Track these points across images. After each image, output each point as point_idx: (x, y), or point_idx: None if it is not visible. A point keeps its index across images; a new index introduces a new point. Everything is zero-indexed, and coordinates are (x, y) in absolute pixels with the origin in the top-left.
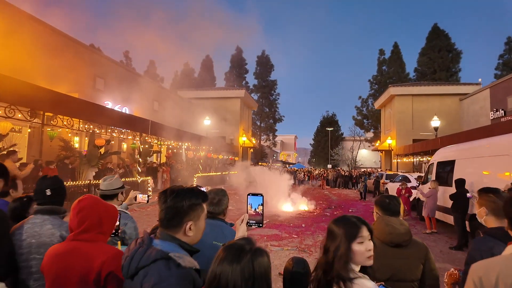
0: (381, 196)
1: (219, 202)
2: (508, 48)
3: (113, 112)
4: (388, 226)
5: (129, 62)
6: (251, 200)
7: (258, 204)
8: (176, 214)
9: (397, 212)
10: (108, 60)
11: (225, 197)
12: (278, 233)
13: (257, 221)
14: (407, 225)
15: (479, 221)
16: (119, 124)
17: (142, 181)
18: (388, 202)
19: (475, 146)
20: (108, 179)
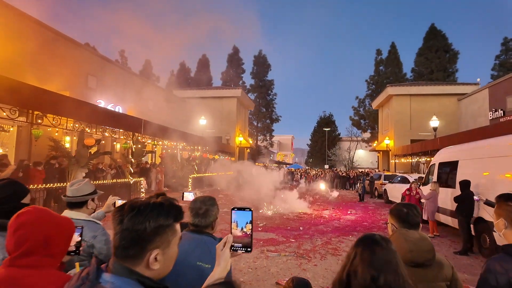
0: (397, 205)
1: (206, 213)
2: (504, 49)
3: (104, 110)
4: (408, 242)
5: (125, 61)
6: (237, 217)
7: (246, 222)
8: (136, 240)
9: (417, 224)
10: (101, 58)
11: (214, 206)
12: (275, 237)
13: (244, 244)
14: (429, 240)
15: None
16: (110, 123)
17: (135, 182)
18: (406, 212)
19: (481, 146)
20: (76, 183)
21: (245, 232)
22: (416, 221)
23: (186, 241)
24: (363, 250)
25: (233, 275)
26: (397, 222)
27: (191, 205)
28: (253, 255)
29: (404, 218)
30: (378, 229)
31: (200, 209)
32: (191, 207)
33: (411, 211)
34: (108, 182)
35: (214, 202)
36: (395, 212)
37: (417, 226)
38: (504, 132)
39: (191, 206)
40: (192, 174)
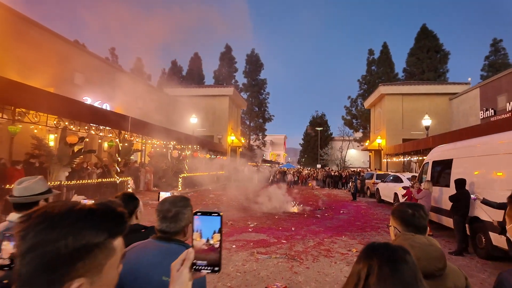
0: (400, 205)
1: (176, 216)
2: (493, 49)
3: (88, 107)
4: (415, 249)
5: (115, 59)
6: (201, 224)
7: (214, 231)
8: (46, 266)
9: (424, 227)
10: (89, 55)
11: (187, 208)
12: (266, 238)
13: (210, 262)
14: (439, 246)
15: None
16: (95, 120)
17: (122, 182)
18: (411, 213)
19: (477, 144)
20: (25, 181)
21: (211, 245)
22: (423, 224)
23: (150, 252)
24: (381, 266)
25: (220, 280)
26: (401, 225)
27: (158, 206)
28: (242, 258)
29: (409, 221)
30: (371, 229)
31: (168, 212)
32: (158, 209)
33: (417, 213)
34: (93, 182)
35: (187, 203)
36: (398, 213)
37: (424, 230)
38: (495, 131)
39: (158, 208)
40: (182, 174)
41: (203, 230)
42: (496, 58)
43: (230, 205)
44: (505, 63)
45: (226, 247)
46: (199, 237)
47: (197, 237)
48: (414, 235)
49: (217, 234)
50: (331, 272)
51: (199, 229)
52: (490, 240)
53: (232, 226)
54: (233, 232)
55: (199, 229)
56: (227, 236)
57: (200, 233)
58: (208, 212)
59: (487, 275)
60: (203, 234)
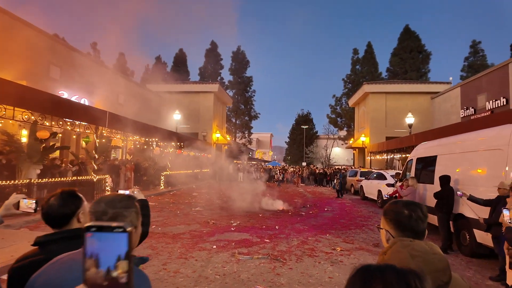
0: (394, 204)
1: (114, 220)
2: (473, 51)
3: (61, 100)
4: (416, 260)
5: (97, 54)
6: (98, 245)
7: (118, 257)
8: None
9: (423, 231)
10: (66, 47)
11: (129, 210)
12: (249, 237)
13: None
14: (443, 255)
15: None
16: (70, 114)
17: (99, 180)
18: (407, 214)
19: (459, 141)
20: None
21: (114, 279)
22: (423, 227)
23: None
24: None
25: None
26: (396, 228)
27: (91, 208)
28: (222, 259)
29: (405, 224)
30: (355, 227)
31: (104, 214)
32: (91, 211)
33: (414, 213)
34: (67, 180)
35: (130, 203)
36: (392, 214)
37: (422, 235)
38: (475, 128)
39: (91, 209)
40: (164, 172)
41: (101, 255)
42: (475, 59)
43: (213, 204)
44: (484, 64)
45: (206, 248)
46: (94, 267)
47: (92, 267)
48: (412, 241)
49: (123, 262)
50: (315, 273)
51: (94, 254)
52: (475, 237)
53: (214, 226)
54: (215, 231)
55: (95, 253)
56: (208, 236)
57: (96, 260)
58: (107, 227)
59: (472, 273)
60: (101, 261)
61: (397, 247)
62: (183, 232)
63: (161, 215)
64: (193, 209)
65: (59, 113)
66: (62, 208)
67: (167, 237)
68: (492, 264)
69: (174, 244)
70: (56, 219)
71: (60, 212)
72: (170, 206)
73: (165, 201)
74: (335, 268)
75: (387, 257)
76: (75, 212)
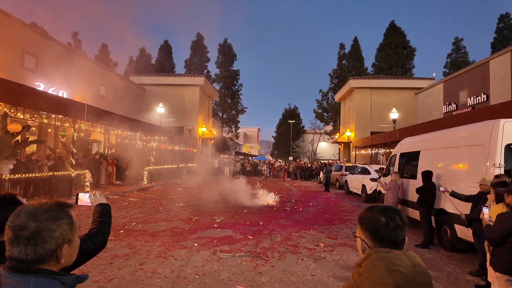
0: (370, 210)
1: (36, 236)
2: (455, 48)
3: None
4: (394, 275)
5: (78, 44)
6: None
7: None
8: None
9: (402, 240)
10: (42, 36)
11: (56, 222)
12: (232, 234)
13: None
14: (425, 268)
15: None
16: (45, 107)
17: (77, 175)
18: (384, 222)
19: (442, 136)
20: None
21: None
22: (402, 236)
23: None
24: None
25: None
26: (371, 238)
27: (9, 220)
28: (203, 258)
29: (382, 233)
30: (339, 222)
31: (24, 229)
32: (9, 225)
33: (392, 221)
34: (43, 175)
35: (62, 213)
36: (367, 222)
37: (402, 244)
38: (457, 124)
39: (9, 222)
40: (148, 167)
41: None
42: (457, 56)
43: (197, 199)
44: (465, 61)
45: (187, 246)
46: None
47: None
48: (390, 252)
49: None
50: (297, 270)
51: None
52: (455, 232)
53: (197, 222)
54: (197, 228)
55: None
56: (190, 233)
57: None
58: None
59: (452, 268)
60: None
61: (372, 260)
62: (164, 229)
63: (142, 212)
64: (176, 205)
65: (34, 105)
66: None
67: (146, 235)
68: (472, 259)
69: (153, 242)
70: None
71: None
72: (153, 202)
73: (147, 197)
74: (318, 265)
75: (362, 270)
76: None
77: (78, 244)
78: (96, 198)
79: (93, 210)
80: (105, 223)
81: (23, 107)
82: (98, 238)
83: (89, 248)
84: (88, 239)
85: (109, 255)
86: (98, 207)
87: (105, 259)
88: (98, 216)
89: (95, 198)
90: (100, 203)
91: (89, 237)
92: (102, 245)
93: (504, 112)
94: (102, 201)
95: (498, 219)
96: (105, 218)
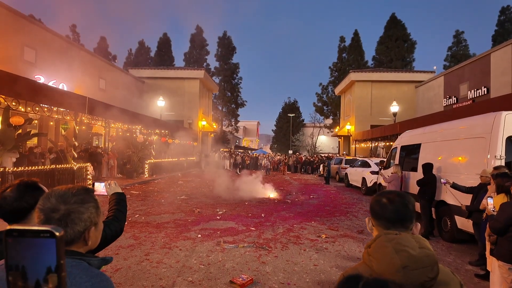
0: (378, 194)
1: (67, 217)
2: (456, 41)
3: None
4: (401, 255)
5: (77, 37)
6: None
7: (48, 269)
8: None
9: (407, 220)
10: (42, 28)
11: (85, 205)
12: (235, 225)
13: None
14: (431, 249)
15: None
16: (46, 100)
17: (79, 168)
18: (385, 203)
19: (442, 129)
20: None
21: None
22: (407, 216)
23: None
24: None
25: (181, 275)
26: (377, 221)
27: (40, 203)
28: (207, 249)
29: (385, 215)
30: (340, 214)
31: (55, 211)
32: (39, 207)
33: (393, 204)
34: (45, 168)
35: (89, 197)
36: (372, 203)
37: (407, 225)
38: (457, 117)
39: (39, 205)
40: (149, 160)
41: (28, 266)
42: (458, 49)
43: (199, 192)
44: (466, 54)
45: (190, 237)
46: (20, 280)
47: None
48: (399, 234)
49: (53, 276)
50: (300, 260)
51: (20, 265)
52: (455, 223)
53: (199, 214)
54: (200, 220)
55: (21, 264)
56: (193, 225)
57: (21, 272)
58: (32, 232)
59: (452, 258)
60: (27, 273)
61: (381, 241)
62: (167, 221)
63: (144, 204)
64: (178, 198)
65: (35, 98)
66: (18, 201)
67: (150, 226)
68: (472, 250)
69: (157, 233)
70: (11, 214)
71: (15, 205)
72: (154, 195)
73: (149, 190)
74: (320, 256)
75: (371, 251)
76: (34, 206)
77: (102, 228)
78: (112, 187)
79: (109, 199)
80: (121, 211)
81: (25, 100)
82: (115, 226)
83: (107, 235)
84: (106, 226)
85: (115, 246)
86: (113, 196)
87: (111, 250)
88: (114, 204)
89: (110, 187)
90: (116, 192)
91: (107, 224)
92: (119, 232)
93: (504, 105)
94: (118, 190)
95: (501, 208)
96: (121, 206)
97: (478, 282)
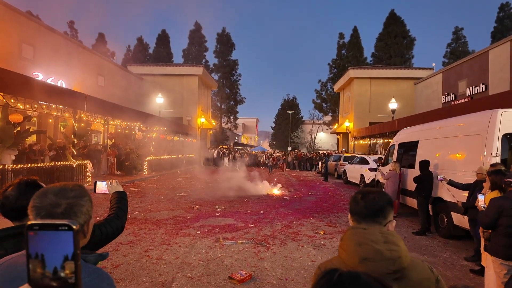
0: (357, 192)
1: (69, 210)
2: (455, 37)
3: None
4: (363, 247)
5: (75, 33)
6: (43, 244)
7: (65, 256)
8: None
9: (375, 214)
10: (39, 25)
11: (84, 199)
12: (233, 222)
13: None
14: (399, 242)
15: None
16: (45, 97)
17: (79, 165)
18: (357, 199)
19: (440, 126)
20: None
21: (62, 279)
22: (377, 212)
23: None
24: None
25: (180, 271)
26: (352, 216)
27: (35, 201)
28: (206, 245)
29: (357, 210)
30: (338, 210)
31: (57, 206)
32: (36, 205)
33: (364, 200)
34: (44, 166)
35: (83, 191)
36: (350, 201)
37: (379, 221)
38: (456, 114)
39: (35, 203)
40: (148, 157)
41: (47, 255)
42: (457, 46)
43: (198, 189)
44: (465, 50)
45: (190, 234)
46: (40, 267)
47: (37, 268)
48: (366, 229)
49: (70, 263)
50: (298, 256)
51: (39, 254)
52: (452, 220)
53: (198, 211)
54: (199, 217)
55: (40, 253)
56: (192, 222)
57: (41, 260)
58: (52, 225)
59: (448, 254)
60: (47, 261)
61: (348, 235)
62: (166, 218)
63: (144, 201)
64: (177, 195)
65: (33, 95)
66: (20, 199)
67: (150, 223)
68: (467, 245)
69: (157, 230)
70: (13, 212)
71: (18, 204)
72: (154, 192)
73: (148, 187)
74: (318, 252)
75: (341, 243)
76: None
77: (93, 222)
78: (113, 186)
79: (111, 197)
80: (122, 209)
81: (24, 98)
82: (116, 223)
83: (108, 232)
84: (107, 223)
85: (114, 243)
86: (115, 195)
87: (111, 246)
88: (116, 202)
89: (112, 186)
90: (117, 190)
91: (108, 222)
92: (120, 230)
93: (502, 102)
94: (119, 189)
95: (490, 203)
96: (122, 204)
97: (473, 278)
